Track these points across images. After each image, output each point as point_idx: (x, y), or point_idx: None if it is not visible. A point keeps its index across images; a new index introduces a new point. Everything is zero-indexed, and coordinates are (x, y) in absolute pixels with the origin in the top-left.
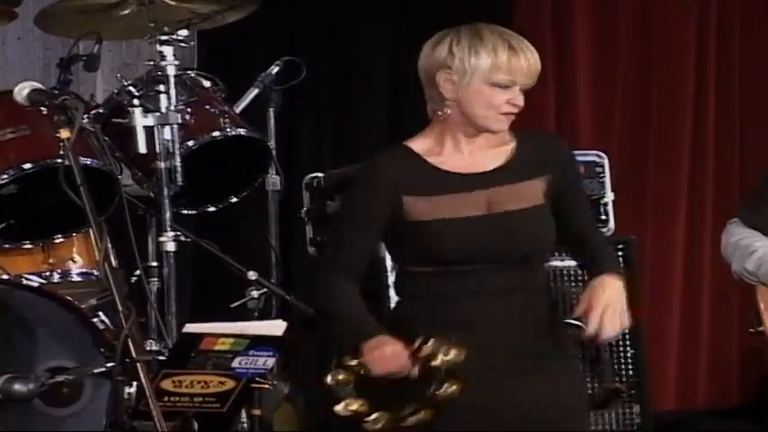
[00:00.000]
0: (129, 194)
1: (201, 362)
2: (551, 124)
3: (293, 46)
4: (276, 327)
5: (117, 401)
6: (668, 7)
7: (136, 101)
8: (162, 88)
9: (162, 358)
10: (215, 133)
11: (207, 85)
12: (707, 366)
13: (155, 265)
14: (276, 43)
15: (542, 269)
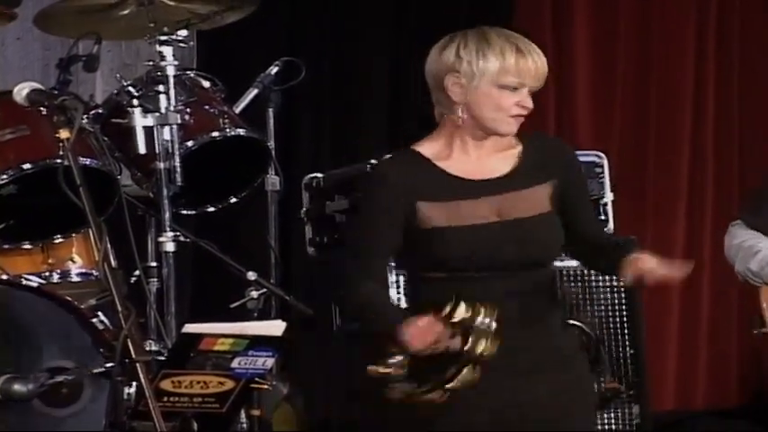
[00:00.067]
0: (128, 195)
1: (201, 362)
2: (551, 124)
3: (292, 46)
4: (275, 327)
5: (116, 402)
6: (668, 7)
7: (135, 101)
8: (161, 88)
9: (161, 358)
10: (214, 133)
11: (206, 85)
12: (706, 366)
13: (154, 265)
14: (275, 43)
15: (549, 273)
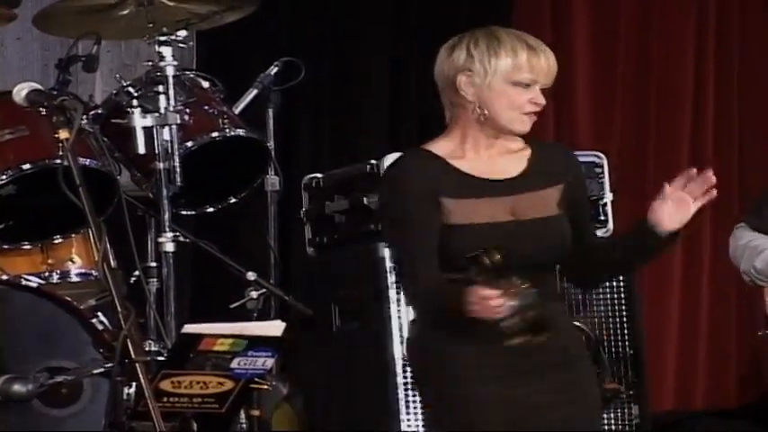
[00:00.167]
0: (128, 195)
1: (200, 362)
2: (550, 124)
3: (292, 46)
4: (275, 327)
5: (116, 402)
6: (667, 7)
7: (135, 101)
8: (161, 89)
9: (161, 359)
10: (214, 134)
11: (206, 85)
12: (706, 367)
13: (154, 265)
14: (275, 44)
15: (555, 275)
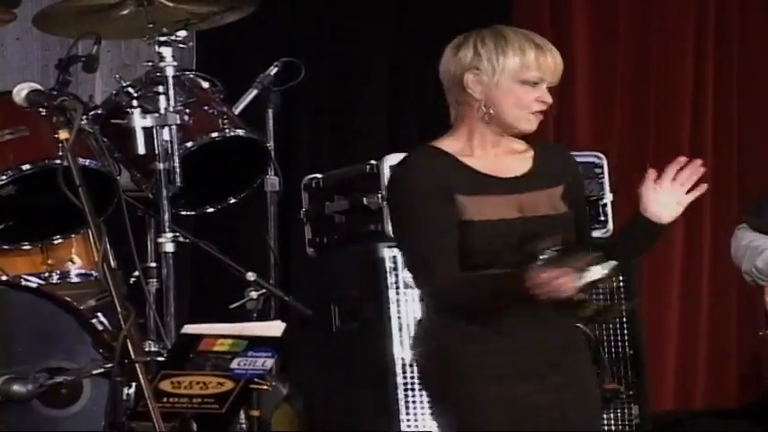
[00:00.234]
0: (127, 195)
1: (200, 363)
2: (550, 124)
3: (292, 47)
4: (275, 328)
5: (116, 402)
6: (667, 7)
7: (134, 102)
8: (160, 89)
9: (161, 359)
10: (214, 134)
11: (205, 85)
12: (706, 367)
13: (153, 265)
14: (275, 44)
15: None
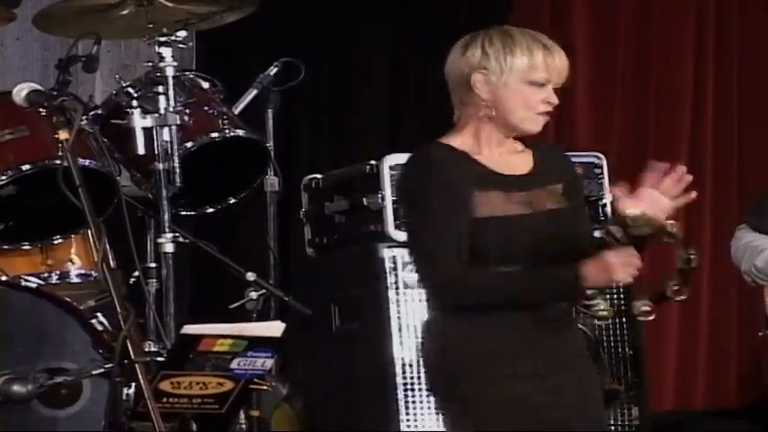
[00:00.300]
0: (127, 196)
1: (200, 363)
2: (550, 124)
3: (292, 47)
4: (275, 328)
5: (115, 402)
6: (667, 7)
7: (134, 102)
8: (160, 89)
9: (160, 359)
10: (213, 134)
11: (205, 86)
12: (706, 367)
13: (153, 266)
14: (275, 44)
15: None
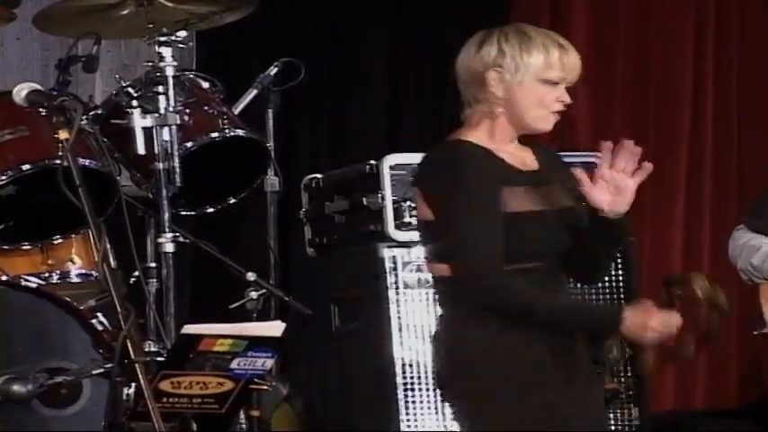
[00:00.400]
0: (127, 195)
1: (200, 363)
2: None
3: (292, 47)
4: (275, 328)
5: (116, 402)
6: (667, 7)
7: (134, 102)
8: (160, 89)
9: (160, 359)
10: (213, 134)
11: (205, 86)
12: (706, 367)
13: (153, 266)
14: (275, 44)
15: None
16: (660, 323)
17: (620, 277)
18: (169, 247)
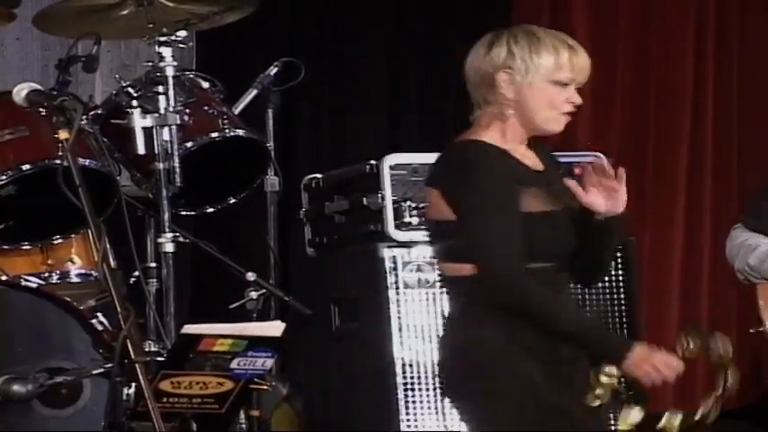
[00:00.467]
0: (127, 195)
1: (200, 363)
2: None
3: (292, 47)
4: (275, 328)
5: (116, 402)
6: (667, 7)
7: (134, 102)
8: (160, 89)
9: (160, 359)
10: (213, 134)
11: (205, 86)
12: (705, 367)
13: (153, 266)
14: (275, 44)
15: None
16: (663, 363)
17: (620, 277)
18: (169, 247)
